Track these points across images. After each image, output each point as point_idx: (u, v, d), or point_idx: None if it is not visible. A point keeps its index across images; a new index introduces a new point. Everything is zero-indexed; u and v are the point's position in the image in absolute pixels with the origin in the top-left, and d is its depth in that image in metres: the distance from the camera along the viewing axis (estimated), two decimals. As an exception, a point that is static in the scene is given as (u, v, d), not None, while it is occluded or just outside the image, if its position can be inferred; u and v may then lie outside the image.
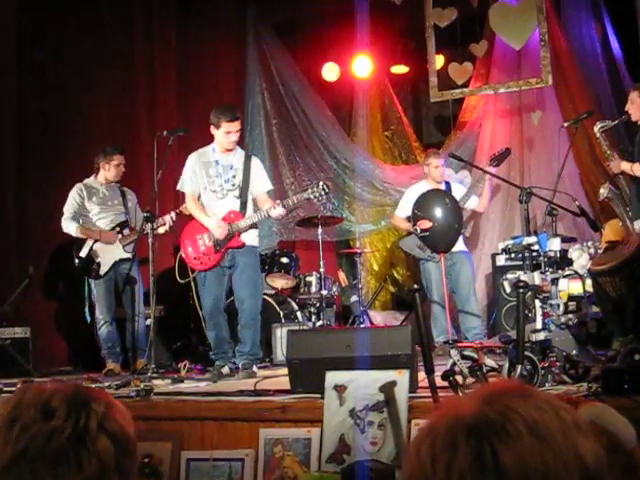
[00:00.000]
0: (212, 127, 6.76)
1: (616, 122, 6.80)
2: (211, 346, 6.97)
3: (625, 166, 6.42)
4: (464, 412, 1.16)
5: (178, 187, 7.03)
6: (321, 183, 6.78)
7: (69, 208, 8.02)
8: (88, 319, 8.13)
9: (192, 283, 7.02)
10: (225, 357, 6.84)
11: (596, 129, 6.72)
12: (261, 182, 6.94)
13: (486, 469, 1.09)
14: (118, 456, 1.48)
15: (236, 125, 6.73)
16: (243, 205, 6.81)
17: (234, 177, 6.82)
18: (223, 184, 6.81)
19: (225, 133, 6.71)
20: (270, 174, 9.82)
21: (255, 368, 6.74)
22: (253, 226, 6.82)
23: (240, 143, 7.10)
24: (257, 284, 6.98)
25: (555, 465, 1.10)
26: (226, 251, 6.78)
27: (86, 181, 8.13)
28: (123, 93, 9.72)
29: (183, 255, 7.01)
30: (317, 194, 6.71)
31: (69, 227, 7.99)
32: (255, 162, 6.99)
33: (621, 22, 8.72)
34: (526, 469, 1.09)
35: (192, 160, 6.94)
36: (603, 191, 6.56)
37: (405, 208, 8.19)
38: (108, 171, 8.08)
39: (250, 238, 6.84)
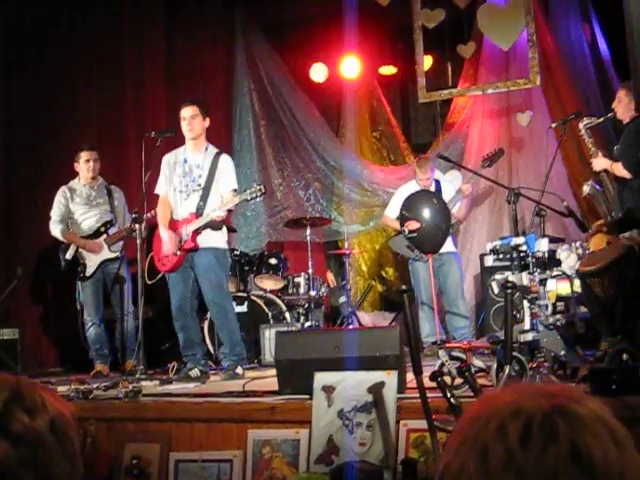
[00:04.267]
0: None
1: (602, 119, 6.81)
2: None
3: (606, 164, 6.43)
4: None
5: (156, 190, 7.04)
6: (259, 185, 6.81)
7: (55, 211, 8.01)
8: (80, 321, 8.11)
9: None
10: (194, 359, 6.78)
11: (581, 125, 6.73)
12: (226, 181, 6.87)
13: (581, 462, 1.07)
14: (24, 457, 1.33)
15: (188, 110, 6.78)
16: (202, 204, 6.76)
17: (200, 177, 6.81)
18: (189, 184, 6.82)
19: (182, 120, 6.78)
20: (258, 175, 9.87)
21: (239, 369, 6.71)
22: (210, 226, 6.74)
23: (227, 144, 7.09)
24: (217, 284, 6.79)
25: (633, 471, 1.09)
26: (184, 254, 6.75)
27: (70, 183, 8.11)
28: (112, 95, 9.69)
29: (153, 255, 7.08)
30: (254, 194, 6.67)
31: (56, 231, 7.98)
32: (224, 160, 6.93)
33: (609, 23, 8.72)
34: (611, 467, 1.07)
35: (164, 162, 6.97)
36: (585, 188, 6.58)
37: (395, 208, 8.12)
38: (81, 170, 8.06)
39: (205, 239, 6.76)
